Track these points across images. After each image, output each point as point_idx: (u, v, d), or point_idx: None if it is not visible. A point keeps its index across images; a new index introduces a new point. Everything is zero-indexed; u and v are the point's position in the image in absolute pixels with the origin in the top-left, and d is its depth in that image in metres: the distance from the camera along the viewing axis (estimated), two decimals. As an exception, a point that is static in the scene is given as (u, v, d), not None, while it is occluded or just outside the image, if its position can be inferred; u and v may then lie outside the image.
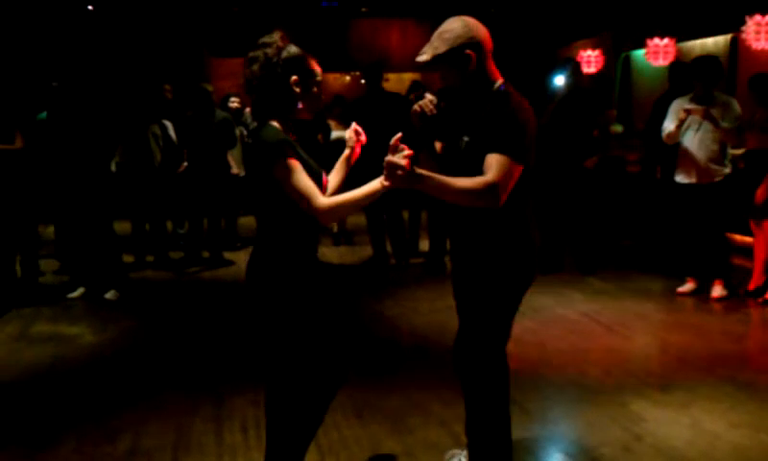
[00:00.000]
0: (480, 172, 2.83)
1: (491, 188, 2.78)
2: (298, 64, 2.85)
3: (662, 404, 4.24)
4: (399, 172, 2.66)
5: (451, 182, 2.80)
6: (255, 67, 2.83)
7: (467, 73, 2.97)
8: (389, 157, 2.68)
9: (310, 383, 2.95)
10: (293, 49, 2.86)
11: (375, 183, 2.76)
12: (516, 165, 2.83)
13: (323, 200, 2.77)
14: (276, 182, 2.77)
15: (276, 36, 2.86)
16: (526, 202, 3.03)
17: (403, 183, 2.68)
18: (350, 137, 3.18)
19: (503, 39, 13.43)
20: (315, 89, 2.92)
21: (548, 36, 14.15)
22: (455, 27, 2.97)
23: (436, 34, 3.00)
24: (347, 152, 3.19)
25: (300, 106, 2.89)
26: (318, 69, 2.93)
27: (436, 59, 2.95)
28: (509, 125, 2.86)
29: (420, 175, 2.72)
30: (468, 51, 2.93)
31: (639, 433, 3.86)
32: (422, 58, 2.99)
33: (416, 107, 3.07)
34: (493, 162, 2.80)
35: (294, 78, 2.84)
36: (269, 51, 2.83)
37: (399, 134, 2.73)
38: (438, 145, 3.20)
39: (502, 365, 3.14)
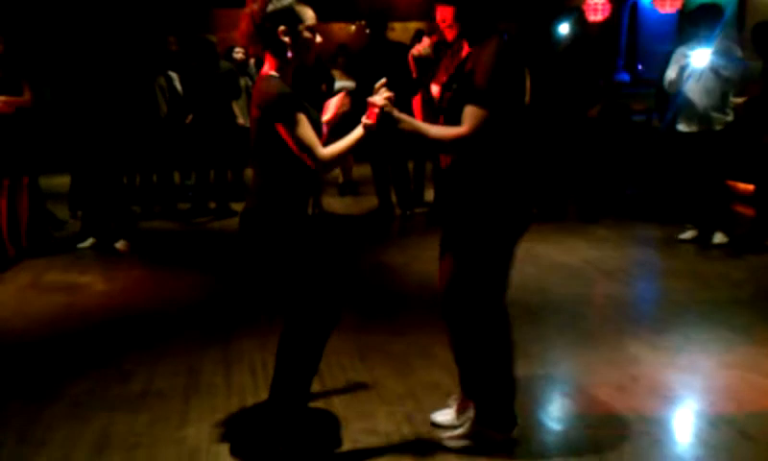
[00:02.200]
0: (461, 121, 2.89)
1: (461, 140, 2.88)
2: (284, 14, 2.91)
3: (659, 347, 4.36)
4: (377, 110, 2.79)
5: (426, 129, 2.94)
6: (244, 25, 2.94)
7: (475, 12, 2.97)
8: (370, 98, 2.81)
9: (308, 323, 3.06)
10: (280, 0, 2.91)
11: (359, 128, 2.91)
12: (488, 114, 2.85)
13: (323, 151, 2.89)
14: (278, 134, 2.87)
15: None
16: (517, 148, 3.05)
17: (382, 123, 2.80)
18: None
19: (508, -13, 13.00)
20: (307, 35, 2.96)
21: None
22: None
23: None
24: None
25: (292, 54, 2.94)
26: (308, 14, 2.97)
27: None
28: (485, 75, 2.87)
29: (398, 117, 2.86)
30: None
31: (635, 374, 3.97)
32: None
33: (413, 51, 3.08)
34: (467, 114, 2.87)
35: (282, 28, 2.90)
36: (255, 6, 2.91)
37: (384, 80, 2.85)
38: (435, 90, 3.20)
39: (500, 315, 3.17)
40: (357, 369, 4.11)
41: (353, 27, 14.94)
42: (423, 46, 3.06)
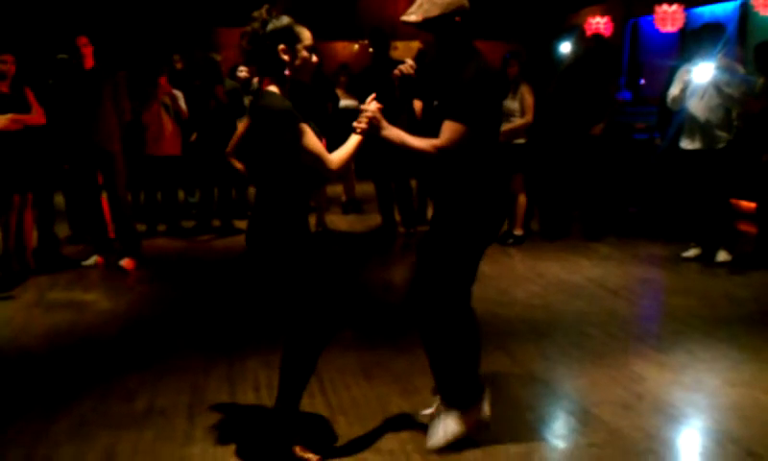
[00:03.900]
0: (433, 120, 3.14)
1: (438, 151, 3.08)
2: (283, 34, 3.06)
3: (663, 365, 4.35)
4: (368, 117, 3.06)
5: (407, 139, 3.13)
6: (245, 42, 3.08)
7: (451, 39, 3.16)
8: (363, 106, 3.08)
9: (310, 330, 3.18)
10: (279, 20, 3.06)
11: (358, 136, 3.13)
12: (466, 129, 3.06)
13: (332, 157, 3.08)
14: (283, 147, 2.98)
15: (262, 10, 3.07)
16: (492, 161, 3.24)
17: (371, 130, 3.07)
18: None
19: (513, 6, 13.29)
20: (304, 54, 3.11)
21: (558, 3, 14.10)
22: None
23: None
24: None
25: (289, 72, 3.09)
26: (306, 34, 3.11)
27: (427, 21, 3.13)
28: (460, 91, 3.08)
29: (383, 125, 3.10)
30: (457, 18, 3.13)
31: (640, 392, 3.97)
32: (411, 18, 3.15)
33: (396, 71, 3.25)
34: (444, 127, 3.08)
35: (281, 46, 3.05)
36: (255, 25, 3.06)
37: (374, 94, 3.12)
38: (417, 106, 3.43)
39: (467, 313, 3.35)
40: (361, 386, 4.11)
41: (356, 46, 15.00)
42: (405, 67, 3.24)
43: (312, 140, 3.02)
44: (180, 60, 9.23)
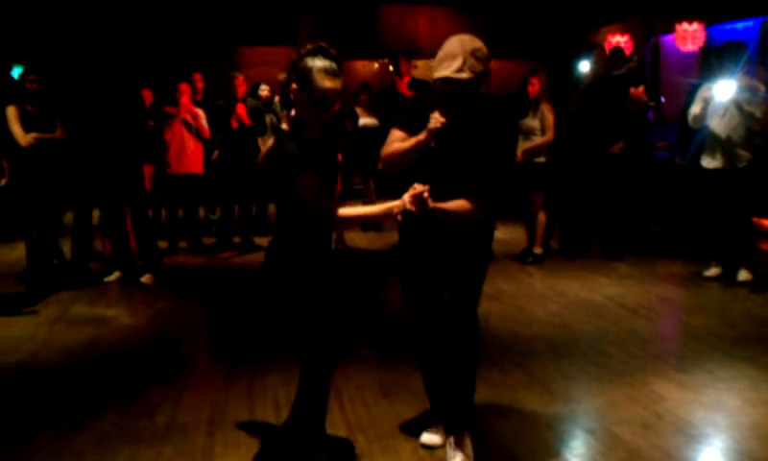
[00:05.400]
0: (455, 171, 3.21)
1: (481, 209, 3.21)
2: (301, 76, 3.05)
3: (683, 385, 4.33)
4: (422, 205, 3.03)
5: (452, 209, 3.17)
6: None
7: (480, 88, 3.25)
8: (414, 192, 3.03)
9: (318, 354, 3.22)
10: (311, 61, 3.04)
11: (388, 207, 3.10)
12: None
13: (339, 211, 3.10)
14: (293, 188, 3.05)
15: (307, 47, 3.10)
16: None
17: (422, 213, 3.06)
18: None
19: (533, 24, 13.32)
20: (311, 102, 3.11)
21: (578, 21, 14.12)
22: (481, 46, 3.24)
23: (465, 50, 3.20)
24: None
25: (294, 112, 3.13)
26: (323, 85, 3.01)
27: (479, 75, 3.20)
28: (509, 150, 3.31)
29: (435, 206, 3.09)
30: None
31: (659, 412, 3.95)
32: (464, 75, 3.18)
33: (437, 124, 3.14)
34: (489, 192, 3.21)
35: (293, 86, 3.09)
36: (293, 56, 3.13)
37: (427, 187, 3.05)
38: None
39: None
40: (380, 404, 4.12)
41: (376, 64, 15.09)
42: (440, 117, 3.14)
43: (314, 191, 3.01)
44: (201, 78, 9.33)
